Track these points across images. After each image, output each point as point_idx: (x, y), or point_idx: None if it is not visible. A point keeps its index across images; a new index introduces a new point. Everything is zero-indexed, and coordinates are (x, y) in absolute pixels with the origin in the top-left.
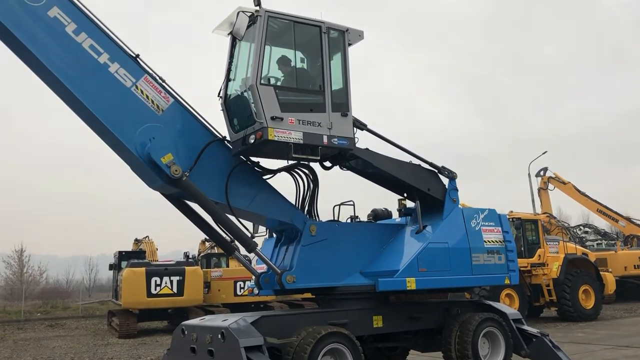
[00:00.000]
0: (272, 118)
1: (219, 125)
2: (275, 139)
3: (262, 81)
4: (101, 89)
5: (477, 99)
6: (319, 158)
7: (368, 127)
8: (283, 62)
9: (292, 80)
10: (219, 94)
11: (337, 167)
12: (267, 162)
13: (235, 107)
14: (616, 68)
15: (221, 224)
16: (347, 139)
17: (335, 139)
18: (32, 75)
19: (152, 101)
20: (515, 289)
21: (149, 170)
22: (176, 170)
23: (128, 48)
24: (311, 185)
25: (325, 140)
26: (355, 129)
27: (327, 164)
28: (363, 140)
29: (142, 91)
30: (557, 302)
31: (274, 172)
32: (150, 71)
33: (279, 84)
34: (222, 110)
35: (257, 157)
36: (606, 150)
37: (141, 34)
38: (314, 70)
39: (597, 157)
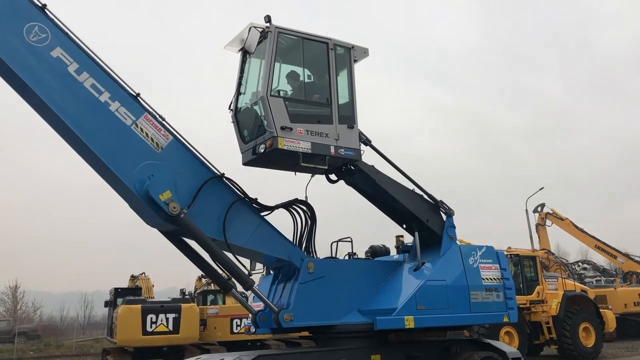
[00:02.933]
0: (282, 128)
1: (224, 140)
2: (285, 147)
3: (273, 93)
4: (101, 127)
5: (473, 133)
6: (326, 167)
7: (372, 143)
8: (292, 76)
9: (300, 93)
10: (229, 106)
11: (341, 186)
12: (269, 183)
13: (246, 119)
14: (612, 103)
15: (218, 261)
16: (353, 150)
17: (342, 150)
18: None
19: (152, 139)
20: (515, 326)
21: (147, 207)
22: (174, 208)
23: (129, 87)
24: (309, 222)
25: (332, 150)
26: (360, 143)
27: (333, 177)
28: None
29: (142, 129)
30: (558, 340)
31: (271, 208)
32: (151, 109)
33: (288, 96)
34: (233, 122)
35: (265, 167)
36: (605, 187)
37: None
38: (321, 84)
39: (596, 194)
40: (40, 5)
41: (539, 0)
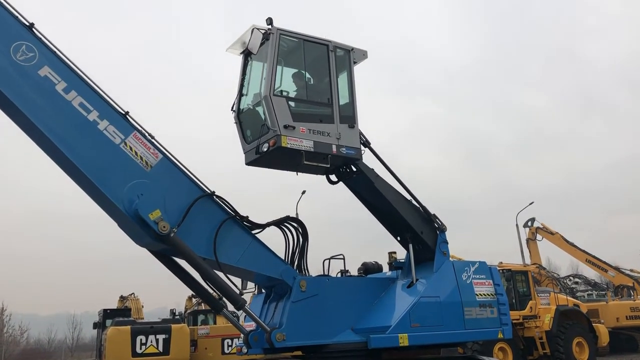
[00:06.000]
0: (285, 126)
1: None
2: (288, 146)
3: (275, 92)
4: (90, 146)
5: (462, 147)
6: (328, 165)
7: (371, 146)
8: (293, 77)
9: (302, 93)
10: (232, 108)
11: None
12: (272, 194)
13: (248, 120)
14: (597, 117)
15: (209, 281)
16: (354, 149)
17: (344, 149)
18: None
19: (141, 157)
20: (509, 342)
21: (137, 227)
22: (164, 227)
23: (117, 105)
24: (301, 240)
25: (334, 149)
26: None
27: (334, 178)
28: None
29: (131, 148)
30: (551, 356)
31: (262, 226)
32: (140, 127)
33: (290, 95)
34: (235, 123)
35: (268, 167)
36: (593, 200)
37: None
38: (322, 85)
39: (584, 207)
40: (27, 24)
41: (524, 14)
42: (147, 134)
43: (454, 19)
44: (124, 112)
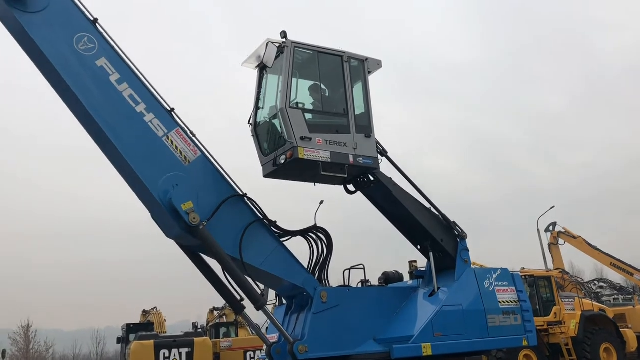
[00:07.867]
0: (302, 138)
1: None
2: (305, 157)
3: (291, 105)
4: (134, 135)
5: (477, 150)
6: (346, 176)
7: (388, 154)
8: (309, 88)
9: (318, 104)
10: (249, 121)
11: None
12: (289, 200)
13: (265, 133)
14: (613, 116)
15: (232, 277)
16: (371, 158)
17: (361, 158)
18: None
19: (181, 152)
20: (534, 349)
21: (168, 216)
22: (194, 218)
23: (164, 101)
24: (324, 251)
25: (351, 159)
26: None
27: (351, 188)
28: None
29: (172, 142)
30: None
31: (290, 234)
32: (183, 125)
33: (306, 107)
34: (252, 136)
35: (286, 179)
36: (614, 202)
37: None
38: (337, 96)
39: (605, 209)
40: (92, 18)
41: (537, 12)
42: (189, 132)
43: (467, 21)
44: (169, 109)
